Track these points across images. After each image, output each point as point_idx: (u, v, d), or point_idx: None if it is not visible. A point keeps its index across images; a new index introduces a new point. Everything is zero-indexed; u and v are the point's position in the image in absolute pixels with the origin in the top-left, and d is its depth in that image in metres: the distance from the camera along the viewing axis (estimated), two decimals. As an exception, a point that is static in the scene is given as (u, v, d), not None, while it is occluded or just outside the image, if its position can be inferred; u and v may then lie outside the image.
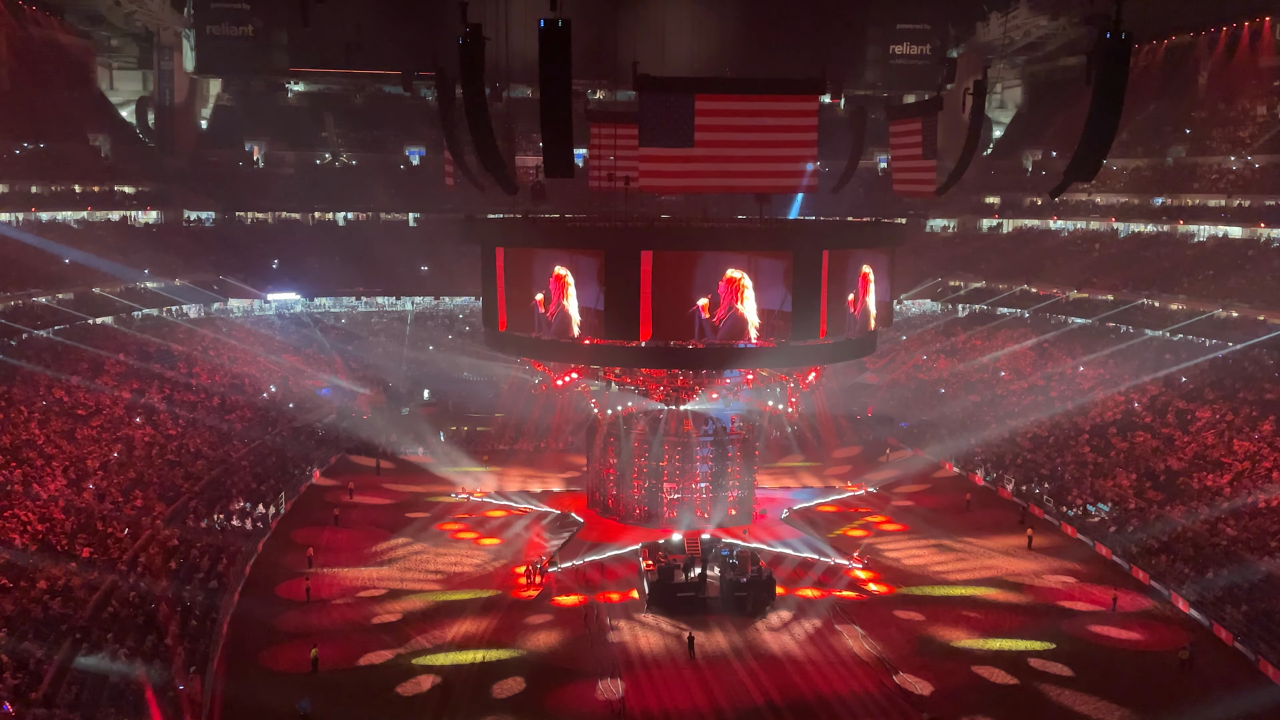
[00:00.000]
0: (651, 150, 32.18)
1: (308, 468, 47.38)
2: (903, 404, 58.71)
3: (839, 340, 36.57)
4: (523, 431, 52.59)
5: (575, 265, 34.59)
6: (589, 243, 34.73)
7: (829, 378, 48.11)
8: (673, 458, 40.53)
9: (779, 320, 34.42)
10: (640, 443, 40.88)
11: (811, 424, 52.32)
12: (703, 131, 32.10)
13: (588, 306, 34.39)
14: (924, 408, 57.34)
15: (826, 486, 47.03)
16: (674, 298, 33.99)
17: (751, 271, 34.08)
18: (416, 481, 46.75)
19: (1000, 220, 75.91)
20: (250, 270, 67.38)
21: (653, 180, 32.63)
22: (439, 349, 66.25)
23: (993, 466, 48.05)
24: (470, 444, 52.55)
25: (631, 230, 34.86)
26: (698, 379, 40.11)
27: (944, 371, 62.36)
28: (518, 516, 42.38)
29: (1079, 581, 36.24)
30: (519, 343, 37.31)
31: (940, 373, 62.34)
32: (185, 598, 31.46)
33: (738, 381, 41.13)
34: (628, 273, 33.60)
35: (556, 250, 34.95)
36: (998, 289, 67.85)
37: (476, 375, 62.48)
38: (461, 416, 56.76)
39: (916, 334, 68.32)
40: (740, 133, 32.36)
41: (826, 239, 36.15)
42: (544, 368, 41.20)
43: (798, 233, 37.62)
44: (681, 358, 36.06)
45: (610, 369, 39.60)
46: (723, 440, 40.98)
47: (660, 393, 40.62)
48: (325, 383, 59.63)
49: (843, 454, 52.18)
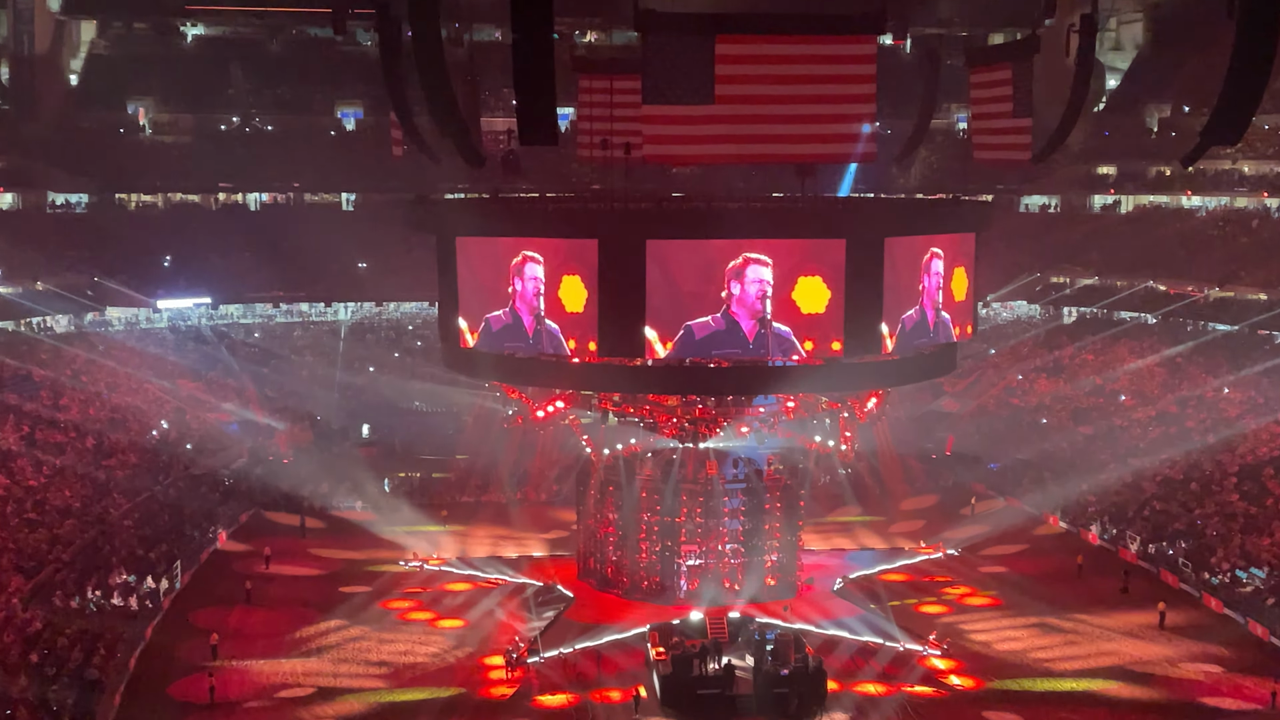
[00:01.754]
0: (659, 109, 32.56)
1: (211, 528, 47.52)
2: (991, 439, 58.82)
3: (907, 356, 36.83)
4: (493, 479, 52.95)
5: (560, 260, 34.75)
6: (578, 230, 34.95)
7: (895, 405, 47.77)
8: (691, 511, 40.69)
9: (829, 330, 34.58)
10: (648, 492, 41.02)
11: (872, 466, 52.28)
12: (726, 84, 32.38)
13: (577, 314, 34.60)
14: (1020, 443, 57.44)
15: (893, 549, 47.28)
16: (689, 302, 34.25)
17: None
18: (354, 545, 47.12)
19: (1117, 197, 76.35)
20: (135, 270, 67.59)
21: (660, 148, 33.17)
22: (382, 371, 66.54)
23: (1111, 520, 48.12)
24: (424, 495, 52.88)
25: (633, 214, 35.12)
26: (723, 408, 40.25)
27: (1046, 395, 62.53)
28: (487, 590, 42.60)
29: (1226, 671, 36.31)
30: (487, 362, 37.53)
31: (1041, 397, 62.55)
32: (51, 700, 31.41)
33: (775, 411, 41.13)
34: (629, 270, 33.80)
35: (535, 240, 35.16)
36: (1115, 287, 68.13)
37: (431, 405, 62.74)
38: (412, 459, 56.93)
39: (1009, 346, 68.71)
40: (775, 84, 32.62)
41: (889, 223, 36.62)
42: (520, 395, 41.41)
43: (851, 215, 37.86)
44: (701, 380, 36.20)
45: (607, 396, 39.78)
46: (757, 488, 41.22)
47: (673, 426, 40.79)
48: (233, 416, 59.81)
49: (913, 505, 52.32)
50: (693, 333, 34.25)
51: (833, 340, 34.62)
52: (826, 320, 34.50)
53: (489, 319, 36.30)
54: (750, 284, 34.22)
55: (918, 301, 36.23)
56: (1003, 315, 73.69)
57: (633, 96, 34.44)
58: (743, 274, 34.10)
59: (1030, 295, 72.36)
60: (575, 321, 34.49)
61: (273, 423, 59.66)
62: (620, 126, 35.86)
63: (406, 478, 54.70)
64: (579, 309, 34.41)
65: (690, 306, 34.19)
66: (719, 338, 34.43)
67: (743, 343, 34.48)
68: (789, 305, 34.45)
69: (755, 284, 34.21)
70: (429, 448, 58.03)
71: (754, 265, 34.21)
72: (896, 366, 37.23)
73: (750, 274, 34.20)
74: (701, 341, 34.42)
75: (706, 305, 34.29)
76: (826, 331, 34.55)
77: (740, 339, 34.46)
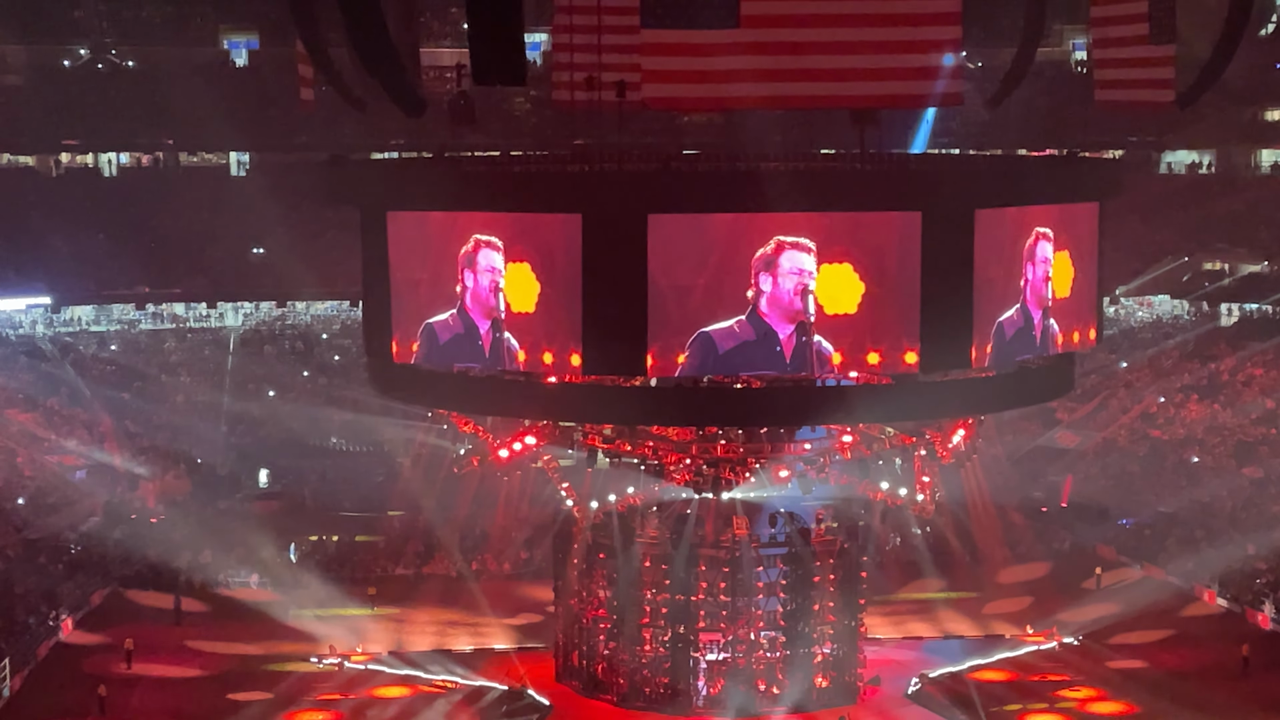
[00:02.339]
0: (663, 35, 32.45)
1: (52, 613, 47.24)
2: (1123, 484, 58.45)
3: (1006, 370, 36.81)
4: (438, 544, 52.70)
5: (530, 242, 34.81)
6: (554, 201, 34.99)
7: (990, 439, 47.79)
8: (713, 587, 40.61)
9: (898, 335, 34.66)
10: (653, 561, 41.03)
11: (960, 523, 51.99)
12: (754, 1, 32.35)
13: (554, 316, 34.65)
14: (1162, 491, 57.11)
15: (989, 636, 47.14)
16: (707, 300, 34.33)
17: (845, 250, 34.46)
18: (248, 636, 46.92)
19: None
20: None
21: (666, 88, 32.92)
22: (287, 396, 66.50)
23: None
24: (344, 566, 52.71)
25: (629, 178, 35.20)
26: (754, 444, 40.33)
27: (1197, 425, 62.38)
28: (431, 697, 42.38)
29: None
30: (430, 383, 37.66)
31: (1191, 427, 62.38)
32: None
33: (826, 448, 41.14)
34: (623, 255, 33.90)
35: (494, 216, 35.23)
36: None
37: (354, 443, 62.66)
38: (328, 517, 56.83)
39: (1146, 358, 68.64)
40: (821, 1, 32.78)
41: (981, 189, 36.55)
42: (476, 428, 41.42)
43: (928, 179, 37.79)
44: (723, 406, 36.36)
45: (596, 428, 39.85)
46: (802, 554, 41.18)
47: (687, 470, 40.85)
48: (82, 459, 59.42)
49: (1016, 576, 51.90)
50: (713, 343, 34.33)
51: (903, 350, 34.57)
52: (894, 323, 34.59)
53: (432, 325, 36.31)
54: (786, 276, 34.34)
55: (1020, 298, 36.21)
56: (1138, 315, 73.94)
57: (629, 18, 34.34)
58: (775, 264, 34.25)
59: (1175, 288, 72.62)
60: (551, 325, 34.72)
61: (136, 468, 59.36)
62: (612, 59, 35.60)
63: (320, 542, 54.65)
64: (557, 310, 34.62)
65: (708, 306, 34.27)
66: (748, 350, 34.44)
67: (778, 357, 34.57)
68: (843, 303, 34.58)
69: (793, 276, 34.30)
70: (351, 501, 57.79)
71: (791, 252, 34.29)
72: (992, 387, 37.26)
73: (786, 263, 34.29)
74: (726, 356, 34.47)
75: (729, 305, 34.34)
76: (894, 338, 34.62)
77: (774, 353, 34.54)
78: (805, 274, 34.24)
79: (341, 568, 52.86)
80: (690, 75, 32.82)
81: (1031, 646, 46.10)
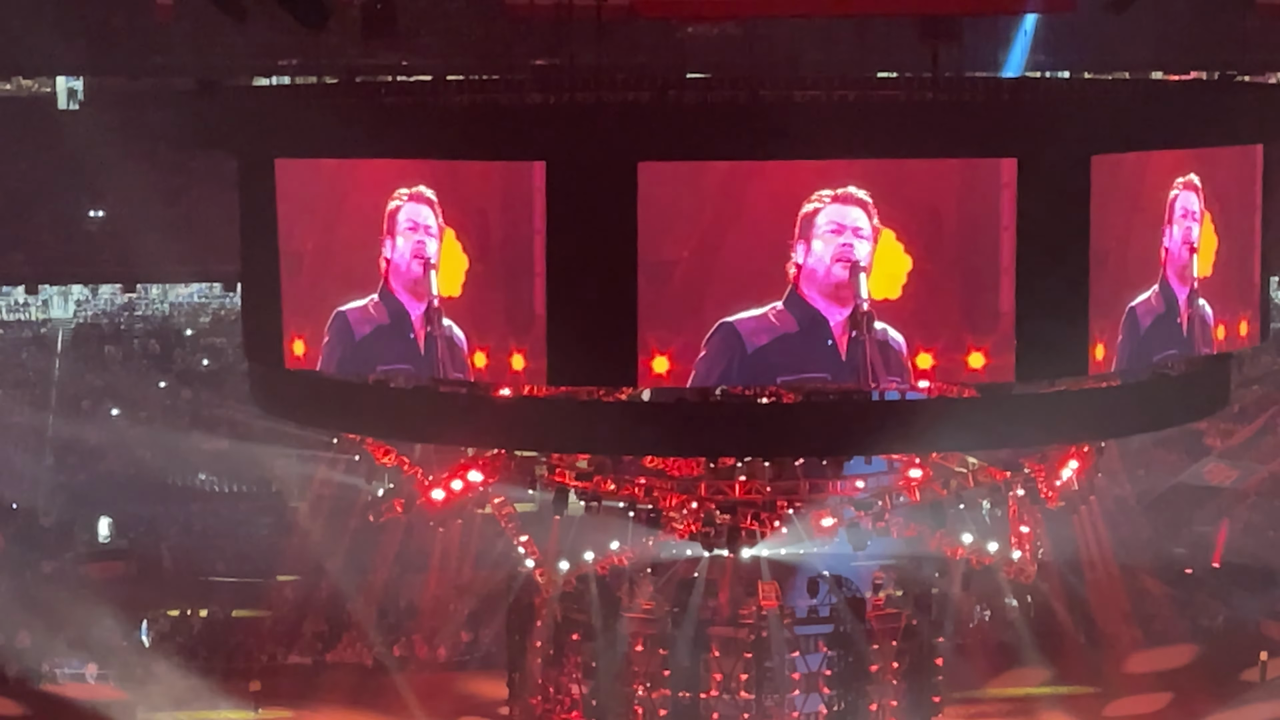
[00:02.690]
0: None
1: None
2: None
3: (1135, 379, 35.66)
4: (347, 622, 52.51)
5: (473, 201, 33.63)
6: (509, 145, 33.65)
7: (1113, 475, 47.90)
8: (731, 680, 39.54)
9: (989, 327, 33.30)
10: (646, 644, 39.96)
11: (1072, 591, 51.66)
12: None
13: (488, 301, 33.53)
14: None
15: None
16: (727, 277, 32.93)
17: (909, 211, 32.97)
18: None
19: None
20: None
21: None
22: (136, 415, 66.67)
23: None
24: (217, 653, 51.98)
25: (610, 113, 34.35)
26: (784, 483, 39.23)
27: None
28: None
29: None
30: (336, 398, 36.66)
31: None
32: None
33: (886, 488, 39.89)
34: (603, 216, 32.69)
35: (424, 164, 33.95)
36: None
37: (231, 481, 63.09)
38: (194, 585, 56.51)
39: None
40: None
41: (1099, 128, 35.21)
42: (401, 460, 40.75)
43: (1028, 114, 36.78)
44: (743, 428, 35.19)
45: (566, 460, 39.40)
46: (854, 633, 40.01)
47: (692, 519, 39.51)
48: None
49: (1150, 664, 50.90)
50: (739, 339, 32.63)
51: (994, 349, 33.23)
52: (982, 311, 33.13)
53: (344, 314, 34.60)
54: (824, 239, 32.91)
55: (1158, 276, 34.74)
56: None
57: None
58: (814, 225, 32.70)
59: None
60: (501, 315, 33.30)
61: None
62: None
63: (183, 618, 53.90)
64: (510, 295, 33.20)
65: (729, 287, 32.90)
66: (788, 346, 32.64)
67: (830, 355, 32.86)
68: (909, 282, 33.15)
69: (832, 238, 32.91)
70: (226, 562, 57.72)
71: (837, 206, 32.65)
72: (1116, 401, 35.69)
73: (827, 222, 32.73)
74: (757, 354, 32.75)
75: (757, 285, 32.94)
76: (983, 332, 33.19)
77: (826, 348, 32.81)
78: (851, 234, 32.71)
79: (212, 654, 51.84)
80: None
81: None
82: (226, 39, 49.39)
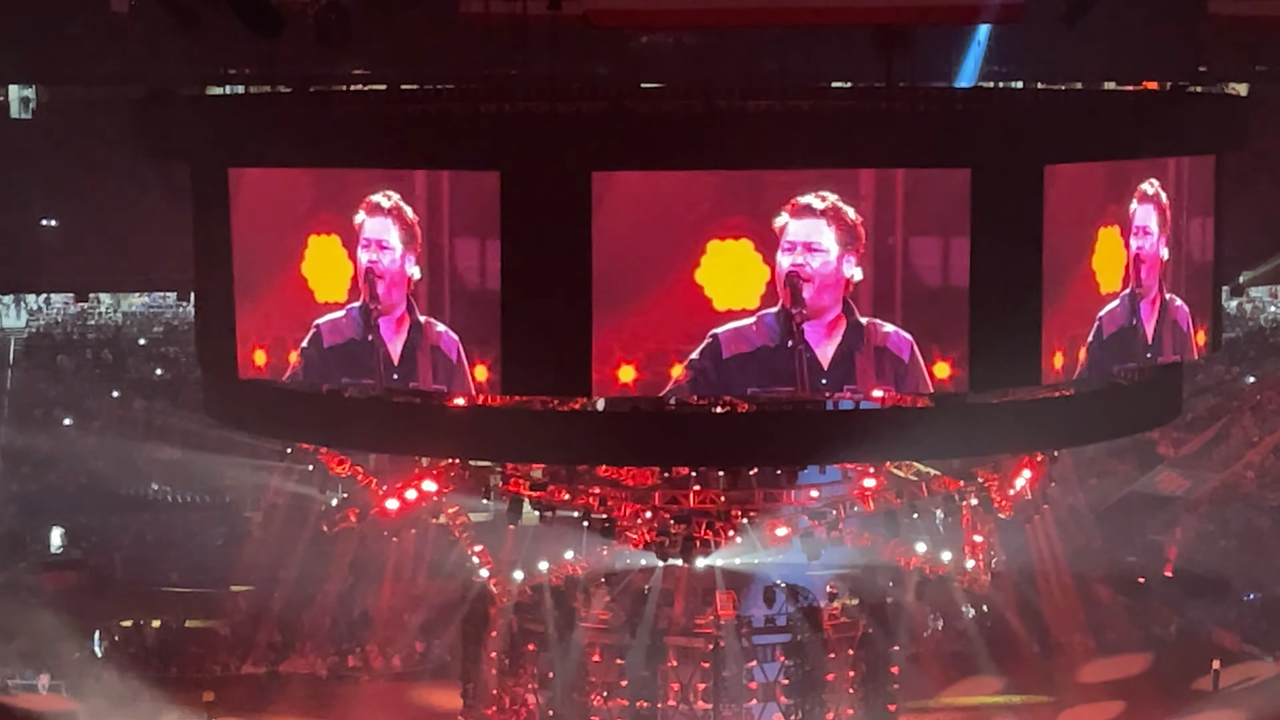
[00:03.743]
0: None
1: None
2: (1249, 545, 59.37)
3: (1088, 389, 35.89)
4: (301, 632, 52.83)
5: (427, 209, 33.45)
6: (463, 154, 33.63)
7: (1066, 484, 47.55)
8: (688, 690, 39.75)
9: (939, 337, 33.38)
10: (604, 654, 40.26)
11: (1024, 599, 51.75)
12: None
13: (460, 311, 33.50)
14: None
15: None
16: (676, 284, 32.95)
17: (867, 218, 32.99)
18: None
19: None
20: None
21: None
22: (89, 425, 66.57)
23: None
24: (171, 663, 52.47)
25: (567, 122, 34.40)
26: (739, 492, 39.35)
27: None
28: None
29: None
30: (289, 409, 36.78)
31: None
32: None
33: (840, 497, 40.09)
34: (561, 226, 32.75)
35: (379, 173, 33.84)
36: None
37: (184, 491, 63.52)
38: (147, 595, 56.87)
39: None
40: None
41: (1051, 138, 35.42)
42: (355, 469, 40.69)
43: (980, 124, 37.04)
44: (697, 437, 35.42)
45: (520, 469, 39.15)
46: (809, 643, 40.12)
47: (647, 528, 39.70)
48: None
49: (1103, 673, 51.52)
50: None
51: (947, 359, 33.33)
52: (934, 321, 33.43)
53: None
54: (789, 256, 33.09)
55: (1121, 286, 34.98)
56: (1270, 311, 75.06)
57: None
58: (780, 238, 33.14)
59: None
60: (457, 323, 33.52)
61: None
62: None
63: (136, 629, 54.25)
64: (464, 304, 33.53)
65: (678, 292, 32.96)
66: (760, 359, 32.86)
67: (797, 368, 33.15)
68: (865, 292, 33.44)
69: (793, 262, 33.14)
70: (180, 572, 58.13)
71: (801, 219, 32.90)
72: (1070, 410, 35.82)
73: (793, 233, 33.04)
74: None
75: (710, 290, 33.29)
76: (935, 340, 33.40)
77: (794, 361, 33.08)
78: (803, 250, 33.01)
79: (166, 665, 52.43)
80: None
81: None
82: (180, 47, 49.48)
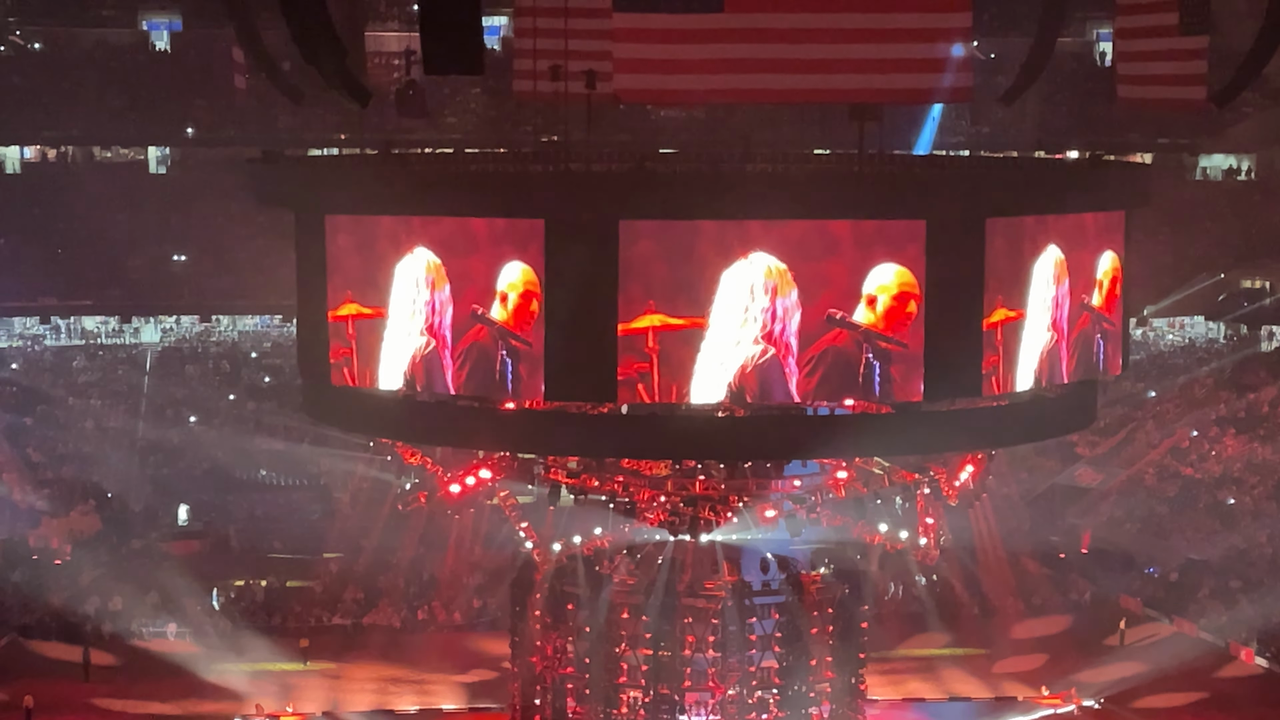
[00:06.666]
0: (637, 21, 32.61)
1: (-60, 667, 47.25)
2: (1151, 528, 58.95)
3: (1019, 400, 36.74)
4: (380, 591, 53.22)
5: (485, 251, 34.59)
6: (515, 205, 34.76)
7: (1002, 476, 48.35)
8: (701, 640, 40.68)
9: (899, 359, 34.32)
10: (629, 611, 41.03)
11: (967, 571, 52.35)
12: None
13: (512, 335, 34.45)
14: (1193, 534, 57.51)
15: (1000, 699, 47.52)
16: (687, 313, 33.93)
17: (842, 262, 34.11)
18: (164, 693, 47.06)
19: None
20: None
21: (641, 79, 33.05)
22: (210, 422, 66.91)
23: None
24: (274, 615, 53.35)
25: (600, 180, 35.38)
26: (736, 481, 40.37)
27: (1235, 462, 62.81)
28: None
29: None
30: (371, 410, 37.51)
31: (1228, 464, 62.78)
32: None
33: (817, 485, 40.92)
34: (593, 264, 33.68)
35: (447, 221, 35.07)
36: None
37: (287, 476, 63.43)
38: (256, 559, 57.49)
39: (1177, 385, 68.88)
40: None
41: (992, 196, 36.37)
42: (424, 460, 41.35)
43: (934, 184, 37.64)
44: (702, 436, 36.10)
45: (559, 461, 40.11)
46: (797, 603, 41.30)
47: (661, 510, 40.88)
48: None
49: (1031, 631, 52.27)
50: (690, 359, 33.75)
51: (905, 376, 34.12)
52: (895, 346, 34.09)
53: (375, 343, 35.99)
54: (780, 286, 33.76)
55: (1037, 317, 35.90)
56: (1168, 338, 74.46)
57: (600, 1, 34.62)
58: (778, 270, 33.74)
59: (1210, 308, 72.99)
60: (508, 345, 34.33)
61: (38, 503, 59.27)
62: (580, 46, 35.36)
63: (247, 587, 54.94)
64: (515, 328, 34.22)
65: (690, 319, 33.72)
66: (739, 371, 33.94)
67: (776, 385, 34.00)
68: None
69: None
70: (282, 541, 58.32)
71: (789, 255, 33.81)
72: (1002, 417, 36.99)
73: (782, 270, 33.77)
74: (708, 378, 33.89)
75: None
76: (896, 362, 34.10)
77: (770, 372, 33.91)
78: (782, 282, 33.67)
79: (270, 616, 53.23)
80: (668, 65, 32.71)
81: (1047, 710, 46.33)
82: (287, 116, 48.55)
